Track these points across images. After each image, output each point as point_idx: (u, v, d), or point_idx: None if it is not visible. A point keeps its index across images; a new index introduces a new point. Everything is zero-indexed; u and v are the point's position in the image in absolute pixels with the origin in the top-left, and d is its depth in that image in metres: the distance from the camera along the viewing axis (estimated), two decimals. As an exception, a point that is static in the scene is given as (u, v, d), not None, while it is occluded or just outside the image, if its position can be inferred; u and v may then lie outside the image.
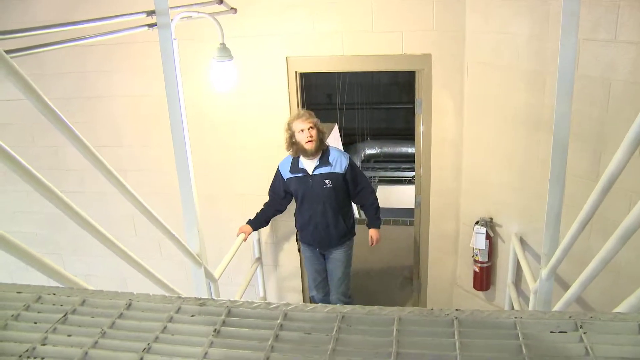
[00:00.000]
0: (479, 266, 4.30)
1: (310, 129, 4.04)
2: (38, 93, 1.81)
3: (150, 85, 4.49)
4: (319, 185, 4.16)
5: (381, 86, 14.55)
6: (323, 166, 4.15)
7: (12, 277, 5.08)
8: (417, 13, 4.02)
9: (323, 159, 4.16)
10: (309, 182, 4.18)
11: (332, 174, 4.14)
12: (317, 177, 4.16)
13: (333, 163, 4.15)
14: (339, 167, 4.15)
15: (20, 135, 4.84)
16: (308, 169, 4.18)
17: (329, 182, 4.14)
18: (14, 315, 1.12)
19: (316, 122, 4.10)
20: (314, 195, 4.20)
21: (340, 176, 4.15)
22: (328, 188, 4.15)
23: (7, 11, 4.51)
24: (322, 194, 4.17)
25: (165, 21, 2.76)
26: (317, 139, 4.07)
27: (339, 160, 4.17)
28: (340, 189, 4.19)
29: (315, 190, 4.18)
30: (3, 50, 1.64)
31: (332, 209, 4.22)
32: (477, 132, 4.15)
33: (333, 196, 4.18)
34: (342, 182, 4.17)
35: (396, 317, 1.07)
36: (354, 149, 13.72)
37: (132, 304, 1.15)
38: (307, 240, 4.48)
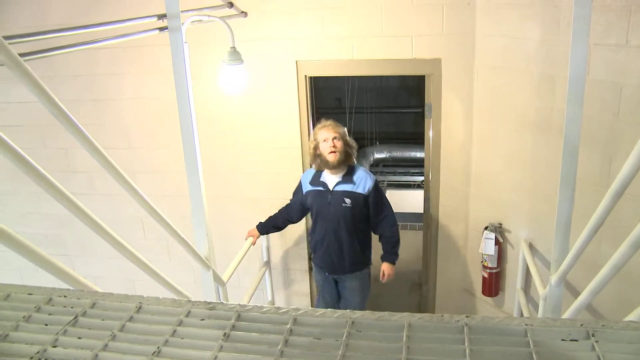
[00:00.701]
0: (487, 272, 4.28)
1: (335, 139, 3.82)
2: (50, 96, 1.82)
3: (160, 88, 4.52)
4: (337, 203, 3.88)
5: (390, 90, 14.53)
6: (345, 183, 3.88)
7: (22, 278, 5.11)
8: (427, 17, 4.01)
9: (347, 176, 3.90)
10: (327, 197, 3.91)
11: (354, 193, 3.86)
12: (337, 193, 3.89)
13: (357, 182, 3.87)
14: (361, 188, 3.87)
15: (31, 137, 4.88)
16: (329, 183, 3.93)
17: (348, 201, 3.85)
18: (25, 316, 1.12)
19: (343, 134, 3.89)
20: (330, 212, 3.92)
21: (361, 197, 3.86)
22: (346, 207, 3.86)
23: (22, 14, 4.55)
24: (338, 212, 3.88)
25: (177, 25, 2.77)
26: (342, 150, 3.83)
27: (363, 180, 3.89)
28: (359, 212, 3.90)
29: (332, 207, 3.90)
30: (17, 54, 1.65)
31: (347, 231, 3.91)
32: (486, 137, 4.14)
33: (350, 217, 3.88)
34: (362, 204, 3.88)
35: (406, 323, 1.07)
36: (362, 153, 13.69)
37: (142, 307, 1.15)
38: (319, 263, 4.20)
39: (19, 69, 1.66)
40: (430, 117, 4.31)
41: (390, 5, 4.05)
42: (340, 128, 3.91)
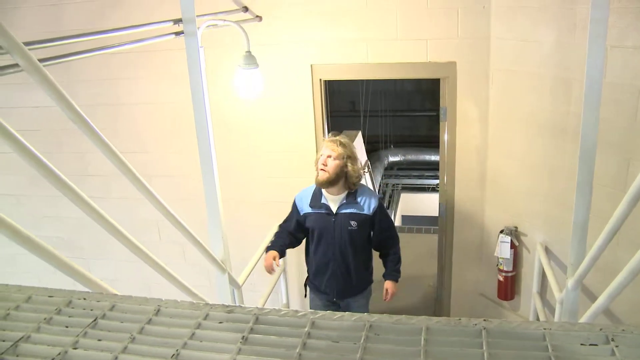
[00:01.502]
0: (503, 275, 4.25)
1: (330, 157, 3.56)
2: (68, 100, 1.84)
3: (174, 92, 4.55)
4: (342, 226, 3.66)
5: (404, 93, 14.54)
6: (350, 205, 3.66)
7: (40, 280, 5.16)
8: (442, 21, 4.00)
9: (351, 197, 3.67)
10: (331, 220, 3.68)
11: (359, 215, 3.66)
12: (342, 216, 3.66)
13: (361, 202, 3.68)
14: (367, 208, 3.67)
15: (48, 141, 4.92)
16: (332, 205, 3.70)
17: (354, 223, 3.65)
18: (46, 318, 1.14)
19: (343, 155, 3.58)
20: (335, 237, 3.69)
21: (367, 218, 3.67)
22: (353, 230, 3.65)
23: (36, 19, 4.60)
24: (344, 235, 3.66)
25: (192, 29, 2.80)
26: (333, 172, 3.56)
27: (367, 199, 3.70)
28: (365, 232, 3.73)
29: (337, 232, 3.67)
30: (37, 59, 1.67)
31: (353, 253, 3.72)
32: (502, 140, 4.12)
33: (357, 239, 3.69)
34: (368, 224, 3.70)
35: (424, 326, 1.07)
36: (377, 157, 13.71)
37: (160, 309, 1.16)
38: (321, 288, 3.92)
39: (39, 74, 1.69)
40: (445, 121, 4.30)
41: (404, 8, 4.04)
42: (344, 148, 3.61)
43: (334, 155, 3.55)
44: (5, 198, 5.32)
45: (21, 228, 1.52)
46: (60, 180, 1.74)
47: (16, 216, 1.51)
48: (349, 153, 3.61)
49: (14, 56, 1.60)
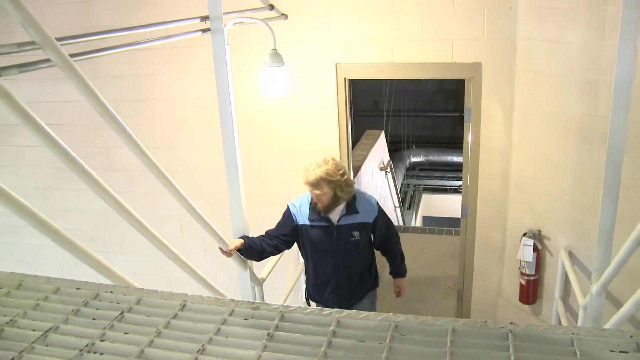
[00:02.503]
0: (525, 279, 4.21)
1: (320, 194, 3.34)
2: (97, 96, 1.87)
3: (199, 88, 4.58)
4: (344, 239, 3.46)
5: (427, 93, 14.48)
6: (350, 215, 3.45)
7: (63, 271, 5.23)
8: (468, 21, 3.97)
9: (350, 206, 3.45)
10: (333, 233, 3.45)
11: (361, 224, 3.47)
12: (344, 228, 3.45)
13: (361, 210, 3.47)
14: (367, 216, 3.49)
15: (74, 135, 4.98)
16: (332, 218, 3.46)
17: (357, 233, 3.46)
18: (74, 310, 1.15)
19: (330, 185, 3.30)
20: (337, 250, 3.48)
21: (369, 226, 3.51)
22: (356, 241, 3.47)
23: (66, 16, 4.66)
24: (348, 247, 3.47)
25: (219, 27, 2.82)
26: (328, 201, 3.37)
27: (367, 206, 3.50)
28: (367, 239, 3.56)
29: (339, 244, 3.46)
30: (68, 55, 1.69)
31: (357, 262, 3.58)
32: (526, 142, 4.08)
33: (361, 248, 3.53)
34: (369, 231, 3.54)
35: (450, 328, 1.06)
36: (399, 156, 13.68)
37: (186, 305, 1.17)
38: (324, 301, 3.71)
39: (70, 69, 1.71)
40: (470, 122, 4.27)
41: (431, 8, 4.02)
42: (327, 183, 3.28)
43: (321, 193, 3.32)
44: (32, 190, 5.39)
45: (49, 220, 1.55)
46: (88, 174, 1.76)
47: (42, 208, 1.53)
48: (335, 180, 3.29)
49: (47, 51, 1.62)
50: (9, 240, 5.84)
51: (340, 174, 3.32)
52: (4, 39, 2.20)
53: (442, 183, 13.92)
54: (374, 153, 7.36)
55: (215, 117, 3.08)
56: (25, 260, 5.85)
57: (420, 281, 5.97)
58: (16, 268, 3.85)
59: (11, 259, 5.96)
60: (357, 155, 6.76)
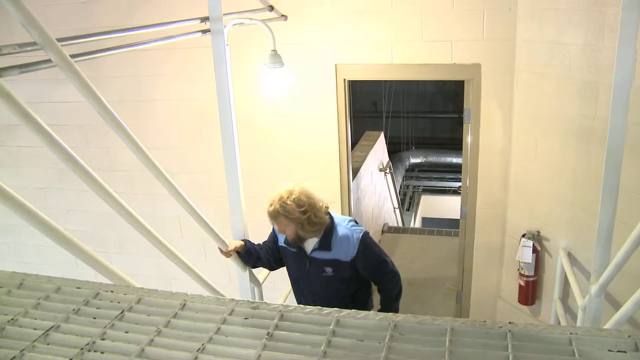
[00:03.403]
0: (524, 280, 4.22)
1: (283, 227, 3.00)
2: (98, 96, 1.87)
3: (199, 89, 4.58)
4: (316, 271, 3.08)
5: (427, 95, 14.50)
6: (322, 250, 3.02)
7: (63, 271, 5.24)
8: (467, 22, 3.98)
9: (324, 239, 3.01)
10: (305, 263, 3.09)
11: (334, 261, 3.01)
12: (315, 261, 3.06)
13: (335, 247, 2.99)
14: (342, 254, 2.99)
15: (75, 136, 4.99)
16: (306, 246, 3.09)
17: (329, 270, 3.03)
18: (74, 309, 1.16)
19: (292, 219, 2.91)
20: (311, 281, 3.15)
21: (344, 265, 3.01)
22: (328, 277, 3.05)
23: (66, 16, 4.67)
24: (320, 281, 3.10)
25: (219, 27, 2.82)
26: (293, 234, 2.98)
27: (344, 244, 2.98)
28: (344, 276, 3.06)
29: (312, 275, 3.11)
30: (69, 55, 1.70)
31: (338, 297, 3.11)
32: (526, 143, 4.08)
33: (337, 284, 3.09)
34: (347, 269, 3.03)
35: (449, 327, 1.07)
36: (398, 158, 13.68)
37: (186, 304, 1.18)
38: None
39: (70, 70, 1.71)
40: (469, 123, 4.27)
41: (430, 9, 4.03)
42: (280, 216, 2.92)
43: (281, 227, 3.00)
44: (32, 191, 5.40)
45: (51, 221, 1.55)
46: (89, 175, 1.77)
47: (42, 209, 1.53)
48: (293, 217, 2.90)
49: (48, 52, 1.63)
50: (9, 240, 5.85)
51: (301, 212, 2.88)
52: (4, 39, 2.21)
53: (442, 184, 13.93)
54: (374, 154, 7.37)
55: (215, 118, 3.08)
56: (25, 260, 5.86)
57: (419, 282, 5.98)
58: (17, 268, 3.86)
59: (12, 258, 5.96)
60: (357, 156, 6.77)
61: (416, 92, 14.34)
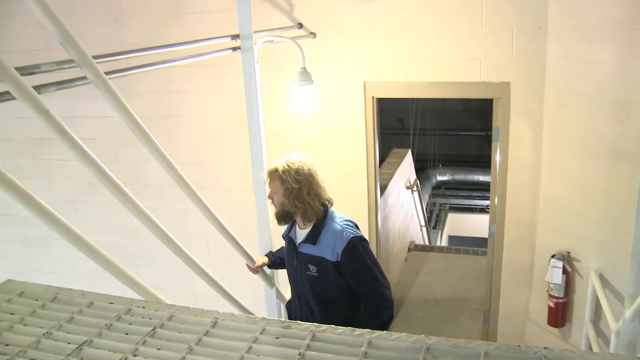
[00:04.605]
0: (554, 301, 4.13)
1: (273, 192, 2.80)
2: (130, 112, 1.91)
3: (228, 105, 4.63)
4: (303, 269, 2.80)
5: (453, 112, 14.44)
6: (308, 244, 2.77)
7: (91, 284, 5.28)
8: (496, 40, 3.96)
9: (312, 232, 2.77)
10: (294, 258, 2.87)
11: (319, 258, 2.72)
12: (302, 256, 2.80)
13: (321, 243, 2.72)
14: (329, 252, 2.69)
15: (104, 150, 5.06)
16: (297, 239, 2.87)
17: (313, 268, 2.74)
18: (107, 324, 1.17)
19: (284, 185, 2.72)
20: (297, 279, 2.89)
21: (329, 265, 2.69)
22: (313, 277, 2.76)
23: (104, 34, 4.76)
24: (306, 281, 2.80)
25: (249, 45, 2.86)
26: (280, 206, 2.78)
27: (331, 240, 2.70)
28: (332, 282, 2.73)
29: (299, 274, 2.85)
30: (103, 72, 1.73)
31: (319, 307, 2.81)
32: (556, 162, 4.03)
33: (320, 290, 2.78)
34: (333, 273, 2.70)
35: (482, 351, 1.05)
36: (425, 175, 13.62)
37: (217, 322, 1.18)
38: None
39: (105, 86, 1.75)
40: (498, 142, 4.24)
41: (459, 28, 4.02)
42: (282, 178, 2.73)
43: (273, 190, 2.80)
44: (62, 204, 5.48)
45: (82, 234, 1.57)
46: (120, 189, 1.79)
47: (72, 222, 1.56)
48: (286, 182, 2.72)
49: (84, 69, 1.66)
50: (39, 251, 5.94)
51: (296, 180, 2.70)
52: (40, 56, 2.26)
53: (468, 202, 13.81)
54: (401, 172, 7.34)
55: (244, 134, 3.11)
56: (55, 271, 5.94)
57: (445, 301, 5.91)
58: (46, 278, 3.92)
59: (41, 269, 6.05)
60: (384, 173, 6.75)
61: (443, 109, 14.29)
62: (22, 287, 1.33)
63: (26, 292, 1.30)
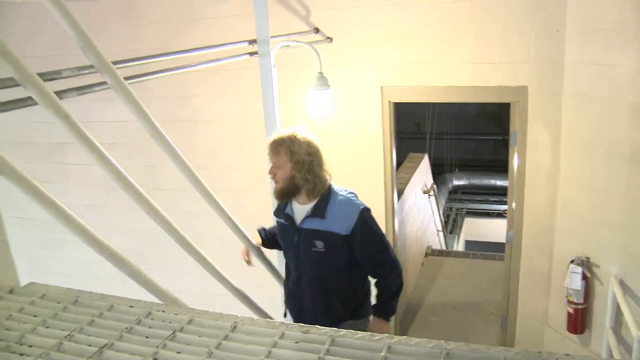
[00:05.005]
0: (573, 307, 4.09)
1: (277, 166, 2.65)
2: (149, 117, 1.92)
3: (244, 109, 4.65)
4: (305, 246, 2.68)
5: (470, 116, 14.37)
6: (315, 217, 2.64)
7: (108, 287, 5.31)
8: (513, 44, 3.94)
9: (318, 206, 2.65)
10: (294, 236, 2.73)
11: (327, 233, 2.61)
12: (305, 233, 2.68)
13: (330, 216, 2.62)
14: (339, 225, 2.61)
15: (122, 154, 5.10)
16: (296, 215, 2.73)
17: (320, 244, 2.63)
18: (127, 328, 1.18)
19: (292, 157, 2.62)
20: (298, 258, 2.76)
21: (339, 239, 2.61)
22: (318, 253, 2.65)
23: (122, 39, 4.81)
24: (309, 259, 2.70)
25: (266, 50, 2.87)
26: (285, 181, 2.64)
27: (342, 212, 2.63)
28: (338, 256, 2.66)
29: (300, 252, 2.73)
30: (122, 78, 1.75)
31: (322, 286, 2.73)
32: (574, 166, 3.99)
33: (325, 266, 2.68)
34: (342, 247, 2.63)
35: (502, 357, 1.05)
36: (441, 179, 13.57)
37: (237, 326, 1.18)
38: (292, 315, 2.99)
39: (124, 91, 1.76)
40: (515, 146, 4.21)
41: (475, 31, 4.01)
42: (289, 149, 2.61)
43: (279, 163, 2.64)
44: (80, 208, 5.54)
45: (102, 238, 1.59)
46: (138, 193, 1.81)
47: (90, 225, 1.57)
48: (297, 154, 2.62)
49: (104, 75, 1.68)
50: (56, 253, 6.00)
51: (308, 154, 2.63)
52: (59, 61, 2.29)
53: (485, 207, 13.73)
54: (418, 176, 7.33)
55: (260, 138, 3.11)
56: (72, 273, 5.99)
57: (462, 306, 5.88)
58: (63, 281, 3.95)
59: (58, 271, 6.10)
60: (401, 178, 6.74)
61: (459, 114, 14.23)
62: (44, 289, 1.34)
63: (48, 294, 1.32)
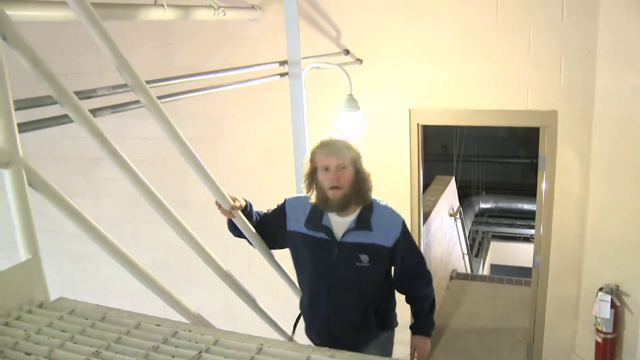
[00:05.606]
0: (602, 337, 3.99)
1: (343, 169, 2.46)
2: (180, 135, 1.95)
3: (273, 129, 4.67)
4: (348, 261, 2.50)
5: (497, 139, 14.29)
6: (360, 230, 2.49)
7: (133, 302, 5.36)
8: (544, 67, 3.91)
9: (362, 218, 2.51)
10: (333, 251, 2.51)
11: (374, 246, 2.50)
12: (348, 247, 2.50)
13: (377, 227, 2.50)
14: (384, 236, 2.51)
15: (150, 170, 5.15)
16: (336, 229, 2.53)
17: (365, 258, 2.49)
18: (154, 346, 1.18)
19: (354, 159, 2.50)
20: (336, 275, 2.54)
21: (384, 252, 2.52)
22: (362, 268, 2.50)
23: (154, 58, 4.89)
24: (349, 274, 2.52)
25: (297, 71, 2.90)
26: (350, 186, 2.46)
27: (387, 223, 2.53)
28: (380, 269, 2.59)
29: (339, 268, 2.52)
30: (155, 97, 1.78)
31: (363, 302, 2.60)
32: (605, 192, 3.92)
33: (369, 281, 2.57)
34: (385, 259, 2.56)
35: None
36: (468, 202, 13.46)
37: (262, 348, 1.18)
38: (312, 337, 2.80)
39: (156, 110, 1.79)
40: (544, 170, 4.16)
41: (505, 54, 3.99)
42: (352, 150, 2.52)
43: (346, 164, 2.48)
44: (109, 222, 5.61)
45: (129, 253, 1.61)
46: (165, 209, 1.83)
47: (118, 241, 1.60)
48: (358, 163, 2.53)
49: (137, 94, 1.71)
50: (84, 266, 6.07)
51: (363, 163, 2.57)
52: (94, 80, 2.35)
53: (512, 231, 13.56)
54: (444, 199, 7.28)
55: (289, 159, 3.13)
56: (98, 287, 6.05)
57: (488, 332, 5.79)
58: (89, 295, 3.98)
59: (85, 285, 6.17)
60: (427, 200, 6.71)
61: (487, 136, 14.15)
62: (72, 305, 1.36)
63: (76, 310, 1.34)
